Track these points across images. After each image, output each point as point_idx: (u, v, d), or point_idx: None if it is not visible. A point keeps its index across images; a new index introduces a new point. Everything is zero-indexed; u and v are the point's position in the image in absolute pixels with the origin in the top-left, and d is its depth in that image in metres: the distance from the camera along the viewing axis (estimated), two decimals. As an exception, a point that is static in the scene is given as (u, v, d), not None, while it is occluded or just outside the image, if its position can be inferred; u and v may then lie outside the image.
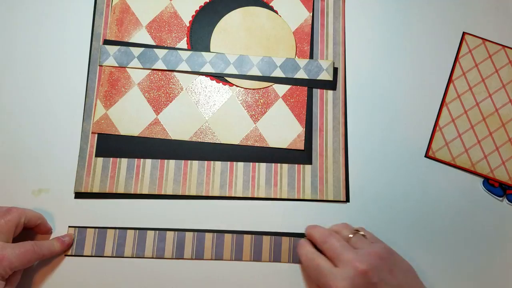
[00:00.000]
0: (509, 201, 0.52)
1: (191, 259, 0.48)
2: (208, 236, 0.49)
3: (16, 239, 0.44)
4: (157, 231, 0.49)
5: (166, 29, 0.55)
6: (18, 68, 0.53)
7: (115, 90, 0.53)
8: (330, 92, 0.54)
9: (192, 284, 0.48)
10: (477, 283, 0.50)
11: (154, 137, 0.52)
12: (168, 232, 0.49)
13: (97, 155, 0.51)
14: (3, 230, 0.42)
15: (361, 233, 0.45)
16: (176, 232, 0.49)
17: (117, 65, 0.53)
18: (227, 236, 0.49)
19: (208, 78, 0.54)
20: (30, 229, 0.47)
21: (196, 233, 0.49)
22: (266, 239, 0.49)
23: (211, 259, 0.49)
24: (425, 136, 0.54)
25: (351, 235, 0.44)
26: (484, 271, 0.50)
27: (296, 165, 0.52)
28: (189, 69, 0.53)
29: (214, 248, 0.49)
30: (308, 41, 0.55)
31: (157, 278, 0.48)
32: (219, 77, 0.54)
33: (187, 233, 0.49)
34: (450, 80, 0.55)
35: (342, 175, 0.52)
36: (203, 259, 0.48)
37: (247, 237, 0.49)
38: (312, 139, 0.53)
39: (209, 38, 0.55)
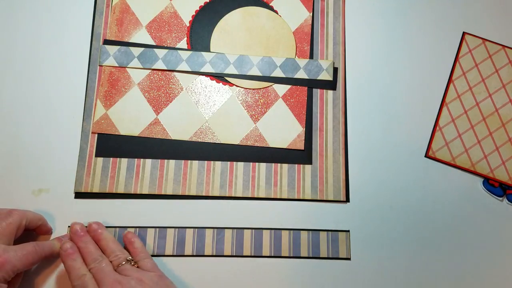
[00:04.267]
0: (509, 201, 0.52)
1: (192, 255, 0.49)
2: (209, 232, 0.49)
3: (17, 239, 0.44)
4: (158, 229, 0.49)
5: (166, 29, 0.55)
6: (18, 68, 0.53)
7: (115, 90, 0.53)
8: (330, 92, 0.54)
9: (194, 280, 0.48)
10: (477, 283, 0.50)
11: (154, 137, 0.52)
12: (168, 229, 0.49)
13: (97, 155, 0.51)
14: (4, 232, 0.42)
15: (132, 262, 0.44)
16: (177, 229, 0.49)
17: (117, 65, 0.53)
18: (227, 232, 0.49)
19: (208, 78, 0.54)
20: (30, 230, 0.47)
21: (196, 229, 0.49)
22: (266, 233, 0.49)
23: (212, 255, 0.49)
24: (425, 136, 0.54)
25: (123, 263, 0.43)
26: (484, 271, 0.50)
27: (296, 165, 0.52)
28: (189, 69, 0.53)
29: (215, 244, 0.49)
30: (308, 41, 0.55)
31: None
32: (219, 77, 0.54)
33: (187, 229, 0.49)
34: (450, 80, 0.55)
35: (342, 175, 0.52)
36: (204, 255, 0.49)
37: (247, 232, 0.49)
38: (312, 139, 0.53)
39: (209, 38, 0.55)
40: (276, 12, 0.56)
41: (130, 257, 0.44)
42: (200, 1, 0.56)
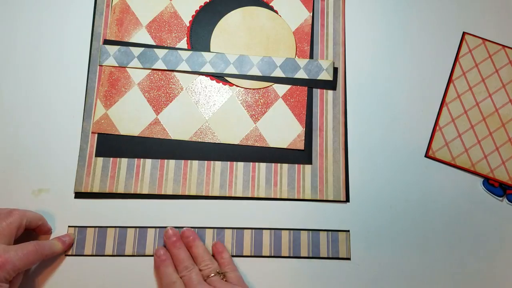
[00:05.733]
0: (509, 201, 0.52)
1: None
2: (209, 232, 0.49)
3: (17, 239, 0.44)
4: (158, 229, 0.49)
5: (166, 29, 0.55)
6: (18, 68, 0.53)
7: (115, 90, 0.53)
8: (330, 92, 0.54)
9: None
10: (477, 283, 0.50)
11: (154, 137, 0.52)
12: (168, 230, 0.49)
13: (97, 155, 0.51)
14: (4, 232, 0.42)
15: (221, 274, 0.45)
16: (177, 229, 0.49)
17: (117, 65, 0.53)
18: (227, 232, 0.49)
19: (208, 78, 0.54)
20: (30, 230, 0.47)
21: (196, 229, 0.49)
22: (266, 233, 0.49)
23: (212, 255, 0.49)
24: (425, 136, 0.54)
25: (213, 274, 0.44)
26: (484, 271, 0.50)
27: (296, 165, 0.52)
28: (189, 69, 0.53)
29: None
30: (308, 41, 0.55)
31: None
32: (219, 77, 0.54)
33: (187, 230, 0.49)
34: (450, 80, 0.55)
35: (342, 175, 0.52)
36: None
37: (247, 232, 0.50)
38: (312, 139, 0.53)
39: (209, 38, 0.55)
40: (276, 12, 0.56)
41: (219, 269, 0.45)
42: (200, 1, 0.56)
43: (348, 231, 0.50)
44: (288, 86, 0.54)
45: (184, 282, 0.43)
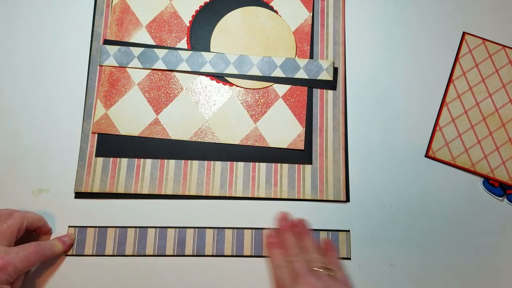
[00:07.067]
0: (509, 201, 0.52)
1: (192, 255, 0.49)
2: (209, 232, 0.49)
3: (17, 240, 0.44)
4: (158, 229, 0.49)
5: (166, 29, 0.55)
6: (18, 68, 0.53)
7: (115, 90, 0.53)
8: (330, 92, 0.54)
9: (194, 280, 0.48)
10: (477, 283, 0.50)
11: (154, 137, 0.52)
12: (169, 230, 0.49)
13: (97, 155, 0.51)
14: (5, 234, 0.42)
15: (329, 270, 0.43)
16: (177, 229, 0.49)
17: (117, 65, 0.53)
18: (228, 232, 0.49)
19: (208, 78, 0.54)
20: (31, 231, 0.47)
21: (197, 229, 0.49)
22: (266, 232, 0.49)
23: (212, 255, 0.49)
24: (425, 136, 0.54)
25: (321, 270, 0.42)
26: (484, 271, 0.50)
27: (296, 165, 0.52)
28: (189, 69, 0.53)
29: (215, 244, 0.49)
30: (308, 41, 0.55)
31: (158, 276, 0.48)
32: (219, 77, 0.54)
33: (188, 229, 0.49)
34: (450, 80, 0.55)
35: (342, 175, 0.52)
36: (204, 255, 0.49)
37: (247, 232, 0.50)
38: (312, 139, 0.53)
39: (209, 38, 0.55)
40: (276, 12, 0.56)
41: (328, 266, 0.43)
42: (200, 1, 0.56)
43: (348, 231, 0.50)
44: (288, 86, 0.54)
45: (292, 268, 0.42)
